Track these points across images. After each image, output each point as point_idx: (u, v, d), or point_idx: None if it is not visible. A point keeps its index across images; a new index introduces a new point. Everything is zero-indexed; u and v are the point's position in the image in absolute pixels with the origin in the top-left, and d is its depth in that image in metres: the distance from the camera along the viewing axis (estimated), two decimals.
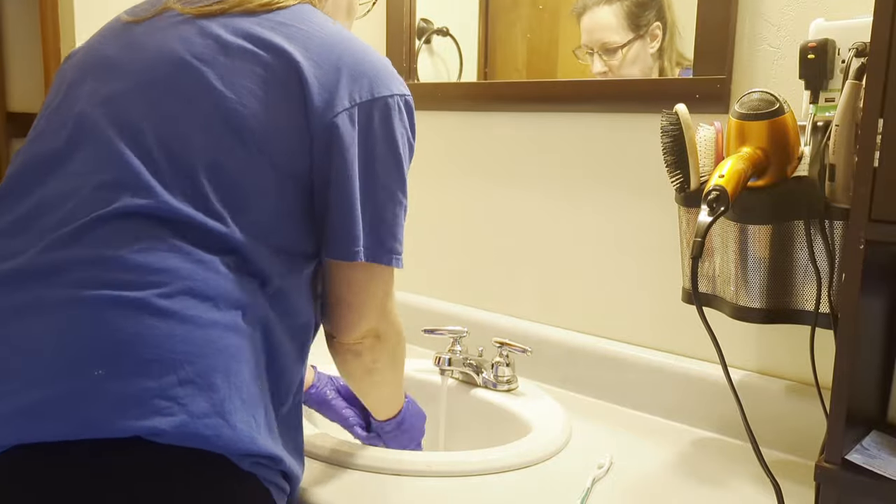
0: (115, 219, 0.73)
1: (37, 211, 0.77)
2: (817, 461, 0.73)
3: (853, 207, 0.68)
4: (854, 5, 0.94)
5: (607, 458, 1.01)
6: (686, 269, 1.05)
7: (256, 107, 0.77)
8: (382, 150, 0.83)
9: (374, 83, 0.82)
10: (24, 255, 0.74)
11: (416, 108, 0.88)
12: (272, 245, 0.79)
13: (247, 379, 0.74)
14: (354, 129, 0.80)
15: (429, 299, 1.48)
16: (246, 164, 0.77)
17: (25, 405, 0.66)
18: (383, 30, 1.50)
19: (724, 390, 0.97)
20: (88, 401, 0.66)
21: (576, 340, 1.27)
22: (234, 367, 0.73)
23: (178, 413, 0.67)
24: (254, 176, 0.78)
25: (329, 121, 0.79)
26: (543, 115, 1.30)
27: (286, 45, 0.79)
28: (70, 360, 0.68)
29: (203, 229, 0.74)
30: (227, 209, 0.76)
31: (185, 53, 0.79)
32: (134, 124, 0.77)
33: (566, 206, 1.29)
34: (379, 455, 0.99)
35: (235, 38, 0.80)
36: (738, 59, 1.08)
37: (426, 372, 1.28)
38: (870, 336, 0.76)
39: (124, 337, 0.69)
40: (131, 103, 0.79)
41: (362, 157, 0.81)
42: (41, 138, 0.82)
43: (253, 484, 0.73)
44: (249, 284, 0.77)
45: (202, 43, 0.80)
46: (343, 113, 0.80)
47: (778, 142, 0.88)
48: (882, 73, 0.65)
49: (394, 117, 0.83)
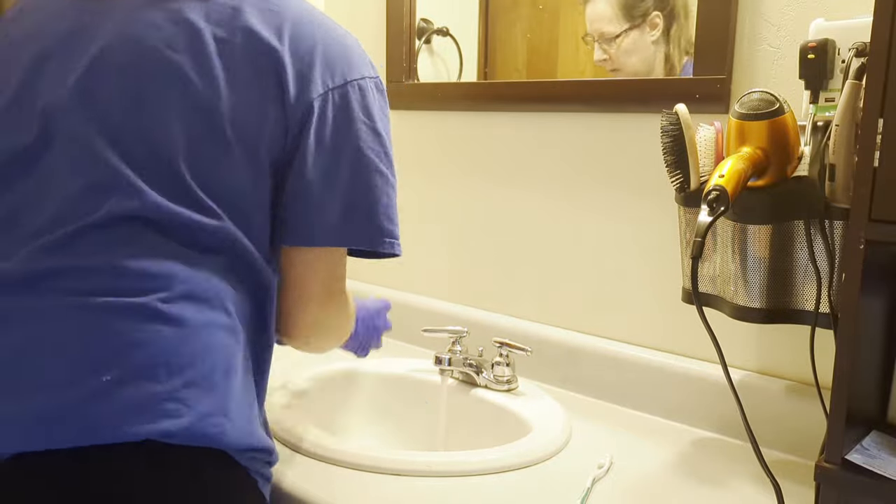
0: (107, 224, 0.73)
1: (13, 212, 0.76)
2: (817, 461, 0.73)
3: (853, 207, 0.68)
4: (854, 5, 0.94)
5: (607, 458, 1.01)
6: (686, 268, 1.05)
7: (233, 97, 0.77)
8: (364, 131, 0.82)
9: (349, 67, 0.82)
10: (10, 259, 0.73)
11: (415, 108, 0.88)
12: (255, 238, 0.79)
13: (241, 375, 0.76)
14: (331, 113, 0.80)
15: (429, 299, 1.48)
16: (225, 156, 0.77)
17: (34, 411, 0.67)
18: (383, 30, 1.50)
19: (725, 390, 0.97)
20: (98, 406, 0.67)
21: (576, 340, 1.27)
22: (232, 364, 0.74)
23: (186, 414, 0.69)
24: (234, 168, 0.77)
25: (305, 107, 0.79)
26: (543, 115, 1.30)
27: (262, 31, 0.78)
28: (77, 366, 0.68)
29: (192, 227, 0.75)
30: (214, 202, 0.76)
31: (157, 42, 0.77)
32: (109, 119, 0.76)
33: (566, 205, 1.29)
34: (379, 455, 0.99)
35: (209, 24, 0.78)
36: (738, 58, 1.08)
37: (426, 372, 1.28)
38: (870, 336, 0.76)
39: (130, 342, 0.69)
40: (104, 96, 0.77)
41: (343, 141, 0.81)
42: (4, 131, 0.79)
43: (243, 475, 0.75)
44: (239, 282, 0.78)
45: (174, 31, 0.78)
46: (319, 98, 0.79)
47: (778, 142, 0.88)
48: (882, 73, 0.65)
49: (370, 98, 0.83)
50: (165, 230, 0.74)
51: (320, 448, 1.00)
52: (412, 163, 1.49)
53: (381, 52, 1.51)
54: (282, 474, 0.94)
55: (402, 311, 1.48)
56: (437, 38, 1.48)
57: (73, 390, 0.67)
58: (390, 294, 1.51)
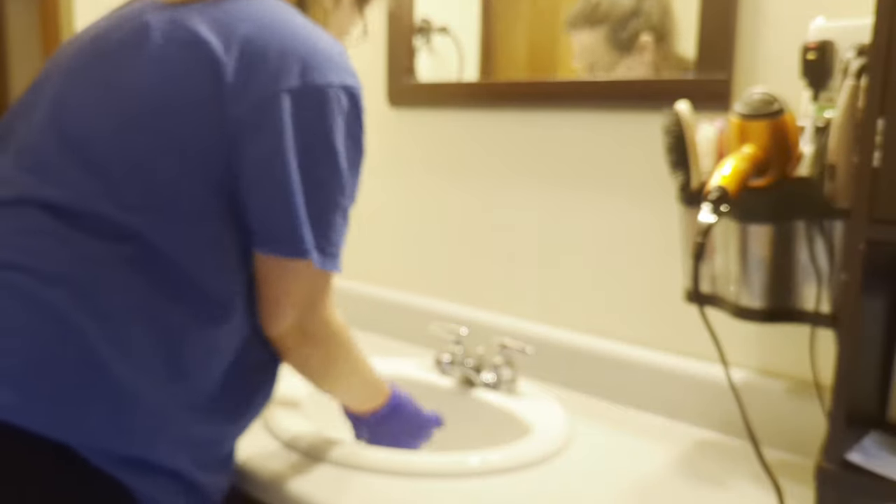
0: (17, 205, 0.78)
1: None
2: (817, 461, 0.73)
3: (853, 207, 0.68)
4: (854, 5, 0.94)
5: (607, 458, 1.01)
6: (687, 268, 1.05)
7: (164, 96, 0.78)
8: (311, 143, 0.79)
9: (308, 71, 0.79)
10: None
11: (415, 107, 0.87)
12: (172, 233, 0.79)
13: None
14: (279, 118, 0.77)
15: (429, 299, 1.48)
16: (154, 155, 0.78)
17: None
18: (383, 30, 1.50)
19: (725, 390, 0.97)
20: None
21: (576, 340, 1.27)
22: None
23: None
24: (161, 167, 0.78)
25: (249, 109, 0.77)
26: (543, 115, 1.30)
27: (202, 31, 0.79)
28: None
29: (110, 221, 0.77)
30: (134, 197, 0.78)
31: (107, 41, 0.83)
32: (56, 113, 0.82)
33: (567, 205, 1.29)
34: (378, 455, 0.99)
35: (158, 24, 0.81)
36: (739, 58, 1.08)
37: (426, 372, 1.28)
38: (870, 336, 0.76)
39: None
40: (59, 92, 0.83)
41: (287, 148, 0.78)
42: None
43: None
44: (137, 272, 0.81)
45: (127, 29, 0.83)
46: (265, 101, 0.77)
47: (779, 142, 0.88)
48: (882, 73, 0.65)
49: (329, 109, 0.79)
50: (75, 221, 0.77)
51: (320, 448, 1.00)
52: (412, 162, 1.49)
53: (381, 52, 1.51)
54: (282, 474, 0.94)
55: (402, 311, 1.49)
56: (437, 37, 1.48)
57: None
58: (390, 294, 1.52)
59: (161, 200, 0.78)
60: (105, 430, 0.74)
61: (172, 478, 0.78)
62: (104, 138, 0.79)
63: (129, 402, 0.75)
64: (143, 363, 0.76)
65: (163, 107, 0.78)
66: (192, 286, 0.79)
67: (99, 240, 0.76)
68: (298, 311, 0.84)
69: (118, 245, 0.76)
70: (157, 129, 0.78)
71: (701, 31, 1.11)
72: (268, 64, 0.78)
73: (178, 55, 0.79)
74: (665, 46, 1.18)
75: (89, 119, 0.80)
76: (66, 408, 0.72)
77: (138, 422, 0.76)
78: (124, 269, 0.76)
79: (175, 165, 0.78)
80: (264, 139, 0.77)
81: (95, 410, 0.73)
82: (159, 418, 0.77)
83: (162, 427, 0.78)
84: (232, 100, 0.77)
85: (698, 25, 1.11)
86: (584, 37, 1.24)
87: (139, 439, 0.76)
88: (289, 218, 0.79)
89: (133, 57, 0.80)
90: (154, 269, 0.77)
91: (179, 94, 0.78)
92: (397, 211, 1.53)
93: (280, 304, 0.83)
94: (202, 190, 0.79)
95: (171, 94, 0.78)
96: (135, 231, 0.76)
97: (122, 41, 0.82)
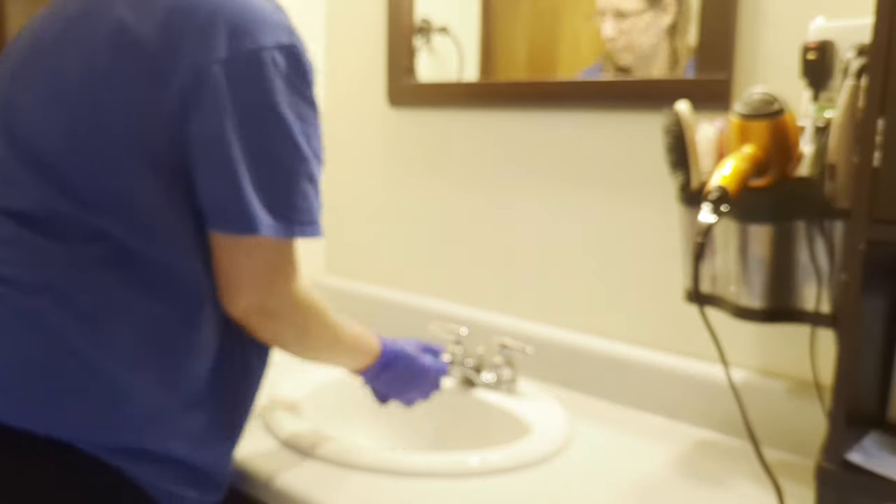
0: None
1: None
2: (817, 461, 0.73)
3: (853, 207, 0.68)
4: (854, 5, 0.94)
5: (607, 459, 1.01)
6: (687, 268, 1.05)
7: (95, 88, 0.78)
8: (252, 114, 0.76)
9: (238, 36, 0.76)
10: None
11: (415, 107, 0.86)
12: (136, 224, 0.79)
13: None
14: (214, 93, 0.75)
15: (429, 299, 1.48)
16: (98, 147, 0.77)
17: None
18: (383, 29, 1.50)
19: (725, 390, 0.97)
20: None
21: (576, 340, 1.27)
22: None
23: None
24: (107, 158, 0.77)
25: (184, 83, 0.75)
26: (543, 115, 1.30)
27: (118, 9, 0.78)
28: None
29: (73, 222, 0.77)
30: (87, 193, 0.77)
31: (42, 39, 0.84)
32: (5, 118, 0.83)
33: (567, 204, 1.29)
34: (379, 455, 0.99)
35: (79, 14, 0.81)
36: (739, 59, 1.08)
37: None
38: (870, 336, 0.76)
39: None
40: (5, 96, 0.85)
41: (226, 124, 0.75)
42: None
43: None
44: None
45: (59, 23, 0.83)
46: (198, 76, 0.75)
47: (779, 142, 0.88)
48: (882, 73, 0.65)
49: (265, 74, 0.76)
50: (32, 224, 0.77)
51: (319, 448, 1.00)
52: (412, 162, 1.49)
53: (381, 52, 1.51)
54: (280, 473, 0.94)
55: (402, 311, 1.48)
56: (437, 36, 1.48)
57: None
58: (390, 294, 1.51)
59: (116, 194, 0.77)
60: (97, 423, 0.75)
61: (174, 464, 0.79)
62: (49, 138, 0.79)
63: (119, 396, 0.76)
64: (129, 359, 0.77)
65: (97, 98, 0.77)
66: (166, 277, 0.79)
67: (67, 243, 0.76)
68: (256, 289, 0.81)
69: (87, 246, 0.76)
70: (97, 122, 0.77)
71: (701, 31, 1.11)
72: (197, 31, 0.75)
73: (99, 41, 0.78)
74: (682, 23, 1.18)
75: (35, 121, 0.80)
76: (56, 406, 0.74)
77: (130, 413, 0.77)
78: (98, 269, 0.77)
79: (121, 155, 0.77)
80: (203, 117, 0.75)
81: (85, 406, 0.74)
82: (150, 409, 0.78)
83: (154, 417, 0.78)
84: (162, 74, 0.75)
85: (698, 25, 1.11)
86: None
87: (131, 429, 0.77)
88: (235, 195, 0.76)
89: (64, 51, 0.81)
90: (126, 266, 0.77)
91: (107, 83, 0.77)
92: (397, 211, 1.52)
93: (235, 284, 0.81)
94: (153, 178, 0.77)
95: (101, 84, 0.77)
96: (101, 230, 0.76)
97: (54, 37, 0.83)
